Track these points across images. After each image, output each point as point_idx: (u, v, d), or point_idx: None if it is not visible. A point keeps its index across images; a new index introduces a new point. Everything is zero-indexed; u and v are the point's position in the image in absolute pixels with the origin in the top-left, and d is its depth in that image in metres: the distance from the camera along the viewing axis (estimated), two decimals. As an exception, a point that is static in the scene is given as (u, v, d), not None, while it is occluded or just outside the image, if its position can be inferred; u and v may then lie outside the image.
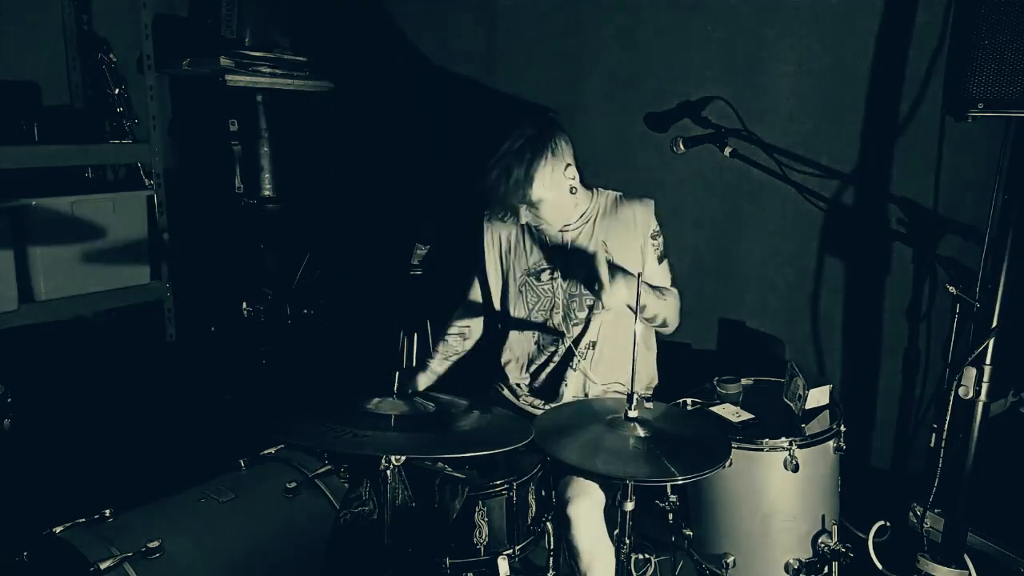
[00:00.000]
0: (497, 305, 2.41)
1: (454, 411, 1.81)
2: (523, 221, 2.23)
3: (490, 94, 3.21)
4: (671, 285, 2.29)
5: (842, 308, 2.67)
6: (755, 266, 2.79)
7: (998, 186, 1.93)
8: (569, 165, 2.19)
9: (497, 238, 2.38)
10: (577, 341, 2.25)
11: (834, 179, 2.59)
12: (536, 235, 2.32)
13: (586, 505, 1.95)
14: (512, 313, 2.35)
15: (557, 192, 2.16)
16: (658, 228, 2.27)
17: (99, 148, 2.97)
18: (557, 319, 2.27)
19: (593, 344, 2.25)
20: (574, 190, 2.20)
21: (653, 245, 2.25)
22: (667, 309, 2.21)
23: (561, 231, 2.27)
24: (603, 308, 2.10)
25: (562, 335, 2.27)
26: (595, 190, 2.32)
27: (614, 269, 2.05)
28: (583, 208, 2.27)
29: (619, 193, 2.33)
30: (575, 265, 2.25)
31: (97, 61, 3.04)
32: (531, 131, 2.14)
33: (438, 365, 2.44)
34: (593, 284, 2.03)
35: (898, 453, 2.64)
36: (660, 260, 2.27)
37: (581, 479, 1.97)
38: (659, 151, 2.80)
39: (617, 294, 2.01)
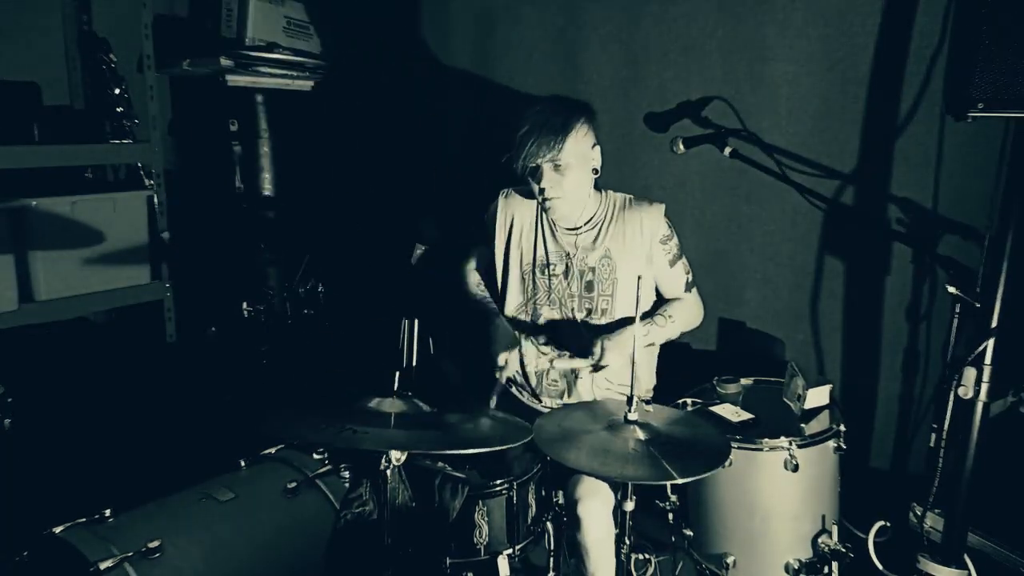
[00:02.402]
0: (497, 287, 2.40)
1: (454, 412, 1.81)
2: (542, 186, 2.14)
3: (490, 94, 3.21)
4: (688, 285, 2.32)
5: (842, 308, 2.67)
6: (755, 266, 2.78)
7: (998, 186, 1.94)
8: (596, 145, 2.21)
9: (510, 219, 2.35)
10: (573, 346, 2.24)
11: (834, 179, 2.59)
12: (549, 229, 2.29)
13: (597, 504, 1.95)
14: (508, 298, 2.34)
15: (582, 165, 2.16)
16: (668, 232, 2.27)
17: (99, 148, 2.96)
18: (554, 314, 2.27)
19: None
20: (596, 171, 2.22)
21: (664, 250, 2.25)
22: (679, 326, 2.27)
23: (570, 231, 2.26)
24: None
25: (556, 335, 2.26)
26: (604, 193, 2.31)
27: (603, 341, 2.09)
28: (592, 210, 2.27)
29: (628, 197, 2.31)
30: (579, 269, 2.24)
31: (97, 61, 3.04)
32: (569, 100, 2.22)
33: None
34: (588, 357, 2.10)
35: (898, 453, 2.64)
36: (673, 263, 2.27)
37: (591, 478, 1.97)
38: (659, 151, 2.80)
39: (612, 358, 2.08)
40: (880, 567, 2.13)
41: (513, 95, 3.15)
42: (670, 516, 2.18)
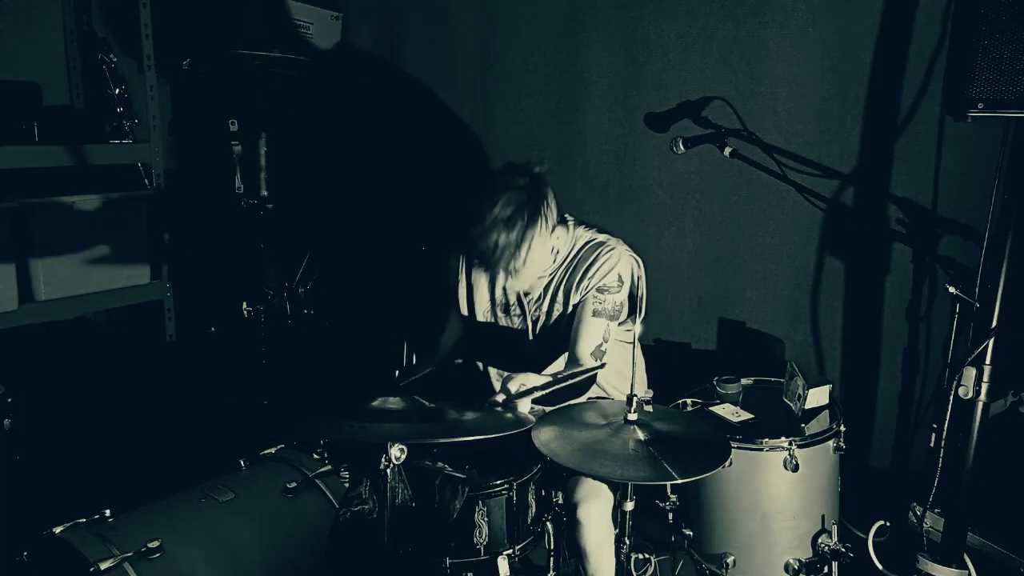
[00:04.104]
0: (470, 324, 2.40)
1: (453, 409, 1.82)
2: (506, 285, 2.22)
3: (490, 94, 3.21)
4: (596, 352, 2.12)
5: (842, 308, 2.67)
6: (755, 266, 2.78)
7: (998, 186, 1.94)
8: (556, 227, 2.10)
9: (470, 267, 2.36)
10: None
11: (834, 179, 2.59)
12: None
13: (597, 506, 1.95)
14: (482, 335, 2.35)
15: (542, 256, 2.09)
16: (616, 285, 2.12)
17: (99, 148, 2.96)
18: (518, 345, 2.27)
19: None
20: (555, 250, 2.13)
21: (596, 299, 2.12)
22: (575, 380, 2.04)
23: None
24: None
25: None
26: (571, 231, 2.18)
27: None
28: (551, 259, 2.17)
29: (596, 241, 2.17)
30: (534, 314, 2.24)
31: (97, 61, 3.04)
32: (521, 196, 2.02)
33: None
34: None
35: (898, 453, 2.64)
36: (596, 315, 2.11)
37: (590, 480, 1.97)
38: (659, 151, 2.80)
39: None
40: (880, 567, 2.13)
41: (513, 95, 3.15)
42: (670, 516, 2.18)
